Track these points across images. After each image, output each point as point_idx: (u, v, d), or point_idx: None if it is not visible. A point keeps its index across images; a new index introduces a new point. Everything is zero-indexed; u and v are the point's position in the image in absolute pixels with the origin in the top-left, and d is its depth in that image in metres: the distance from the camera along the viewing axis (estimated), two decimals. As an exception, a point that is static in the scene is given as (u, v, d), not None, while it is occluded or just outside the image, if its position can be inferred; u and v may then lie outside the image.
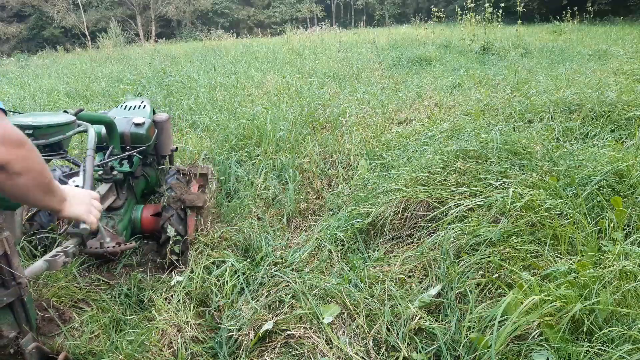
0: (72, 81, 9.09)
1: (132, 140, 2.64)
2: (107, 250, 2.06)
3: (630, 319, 1.59)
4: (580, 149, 2.92)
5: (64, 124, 1.91)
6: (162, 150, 3.05)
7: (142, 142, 2.67)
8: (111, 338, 1.97)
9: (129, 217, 2.55)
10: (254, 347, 1.88)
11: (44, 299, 2.10)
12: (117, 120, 2.61)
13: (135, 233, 2.63)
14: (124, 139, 2.62)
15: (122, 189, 2.55)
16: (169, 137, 3.08)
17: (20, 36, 35.68)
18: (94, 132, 2.04)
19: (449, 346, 1.74)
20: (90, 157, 1.92)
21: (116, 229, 2.37)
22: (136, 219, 2.61)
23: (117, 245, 2.12)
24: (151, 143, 2.74)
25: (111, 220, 2.41)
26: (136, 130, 2.64)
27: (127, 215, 2.53)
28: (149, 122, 2.73)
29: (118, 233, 2.36)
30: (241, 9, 44.99)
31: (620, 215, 2.12)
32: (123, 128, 2.62)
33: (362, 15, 44.71)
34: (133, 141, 2.65)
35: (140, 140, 2.66)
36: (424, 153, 3.42)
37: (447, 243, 2.25)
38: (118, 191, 2.50)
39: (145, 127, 2.67)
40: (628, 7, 20.56)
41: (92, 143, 1.99)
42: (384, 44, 13.36)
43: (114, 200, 2.45)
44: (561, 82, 5.37)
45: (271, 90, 6.59)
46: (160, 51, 15.70)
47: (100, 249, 2.04)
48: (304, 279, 2.21)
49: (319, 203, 3.32)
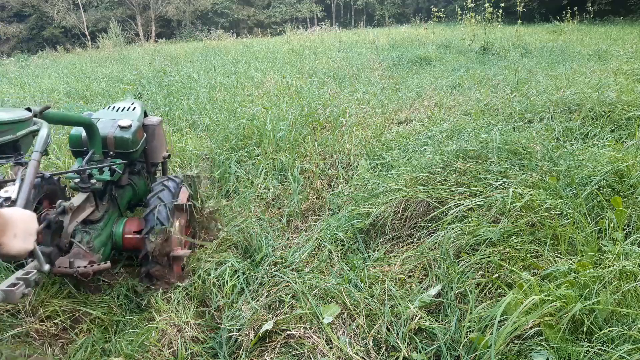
0: (72, 81, 9.09)
1: (117, 145, 2.37)
2: (78, 271, 1.89)
3: (630, 319, 1.59)
4: (580, 149, 2.92)
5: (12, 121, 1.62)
6: (153, 157, 2.78)
7: (127, 148, 2.39)
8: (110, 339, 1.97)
9: (108, 233, 2.28)
10: (254, 347, 1.88)
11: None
12: (100, 123, 2.40)
13: (116, 250, 2.37)
14: (107, 144, 2.35)
15: (102, 199, 2.31)
16: (161, 143, 2.81)
17: (20, 36, 35.65)
18: (46, 132, 1.69)
19: (449, 346, 1.74)
20: (34, 162, 1.54)
21: (91, 245, 2.12)
22: (116, 234, 2.31)
23: (89, 265, 1.93)
24: (138, 149, 2.49)
25: (86, 235, 2.14)
26: (121, 134, 2.37)
27: (107, 229, 2.28)
28: (137, 126, 2.48)
29: (94, 250, 2.11)
30: (241, 9, 44.96)
31: (620, 215, 2.12)
32: (107, 131, 2.36)
33: (362, 15, 44.75)
34: (117, 146, 2.37)
35: (125, 145, 2.38)
36: (424, 153, 3.42)
37: (447, 243, 2.25)
38: (97, 202, 2.24)
39: (131, 131, 2.40)
40: (628, 7, 20.54)
41: (40, 145, 1.61)
42: (384, 44, 13.37)
43: (91, 213, 2.19)
44: (561, 82, 5.37)
45: (271, 90, 6.59)
46: (160, 51, 15.70)
47: (70, 269, 1.88)
48: (304, 279, 2.21)
49: (319, 203, 3.32)
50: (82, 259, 2.02)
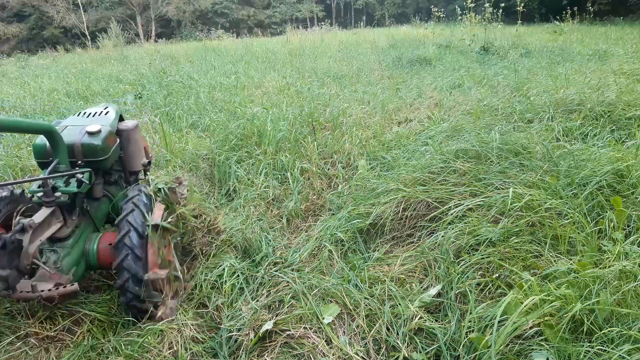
0: (72, 81, 9.09)
1: (85, 153, 2.15)
2: (41, 295, 1.73)
3: (630, 319, 1.59)
4: (580, 149, 2.92)
5: None
6: (131, 165, 2.57)
7: (97, 155, 2.18)
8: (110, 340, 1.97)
9: (80, 250, 2.07)
10: (254, 347, 1.88)
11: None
12: (67, 130, 2.22)
13: (90, 269, 2.17)
14: (74, 152, 2.14)
15: (72, 214, 2.09)
16: (139, 149, 2.59)
17: (20, 36, 35.66)
18: None
19: (449, 346, 1.74)
20: None
21: (59, 265, 1.92)
22: (91, 251, 2.10)
23: (55, 288, 1.77)
24: (109, 156, 2.26)
25: (53, 254, 1.94)
26: (89, 141, 2.16)
27: (78, 247, 2.06)
28: (108, 131, 2.26)
29: (62, 271, 1.91)
30: (241, 9, 44.98)
31: (620, 215, 2.12)
32: (73, 138, 2.15)
33: (362, 15, 44.74)
34: (86, 154, 2.16)
35: (94, 153, 2.17)
36: (424, 153, 3.42)
37: (447, 243, 2.25)
38: (65, 217, 2.03)
39: (101, 137, 2.19)
40: (628, 7, 20.56)
41: None
42: (384, 44, 13.37)
43: (58, 229, 1.98)
44: (561, 82, 5.37)
45: (271, 90, 6.59)
46: (160, 51, 15.70)
47: (32, 293, 1.73)
48: (304, 279, 2.21)
49: (319, 203, 3.32)
50: (48, 281, 1.83)
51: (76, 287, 1.84)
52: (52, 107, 6.21)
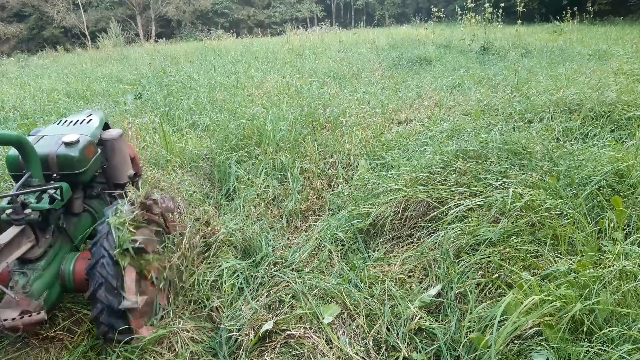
0: (72, 81, 9.09)
1: (60, 165, 1.99)
2: (4, 325, 1.60)
3: (630, 319, 1.59)
4: (580, 149, 2.92)
5: None
6: (116, 177, 2.39)
7: (73, 168, 2.01)
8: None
9: (54, 272, 1.88)
10: (254, 347, 1.88)
11: None
12: (43, 140, 2.06)
13: (67, 292, 1.98)
14: (49, 164, 1.97)
15: (45, 232, 1.89)
16: (124, 160, 2.41)
17: (20, 36, 35.67)
18: None
19: (449, 346, 1.74)
20: None
21: (28, 290, 1.75)
22: (67, 272, 1.91)
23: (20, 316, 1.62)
24: (88, 168, 2.08)
25: (22, 277, 1.77)
26: (65, 152, 1.99)
27: (52, 268, 1.88)
28: (87, 141, 2.10)
29: (32, 296, 1.75)
30: (241, 9, 44.99)
31: (620, 215, 2.12)
32: (48, 149, 1.99)
33: (362, 15, 44.76)
34: (61, 166, 1.99)
35: (71, 165, 2.00)
36: (424, 153, 3.42)
37: (447, 243, 2.25)
38: (37, 236, 1.85)
39: (78, 148, 2.02)
40: (628, 7, 20.56)
41: None
42: (384, 44, 13.37)
43: (29, 249, 1.80)
44: (561, 82, 5.37)
45: (271, 90, 6.59)
46: (160, 51, 15.70)
47: None
48: (304, 279, 2.21)
49: (319, 203, 3.32)
50: (13, 308, 1.67)
51: (42, 316, 1.69)
52: (52, 107, 6.21)
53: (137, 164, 2.65)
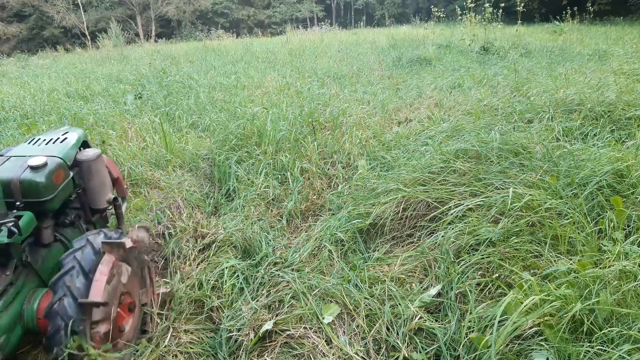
0: (72, 81, 9.08)
1: (24, 191, 1.76)
2: None
3: (630, 319, 1.59)
4: (580, 149, 2.92)
5: None
6: (93, 202, 2.14)
7: (39, 195, 1.78)
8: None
9: (14, 312, 1.66)
10: (254, 347, 1.88)
11: None
12: (9, 162, 1.86)
13: (29, 334, 1.75)
14: (12, 190, 1.75)
15: (5, 268, 1.67)
16: (102, 183, 2.17)
17: (20, 36, 35.66)
18: None
19: (449, 346, 1.74)
20: None
21: None
22: (29, 312, 1.69)
23: None
24: (56, 195, 1.85)
25: None
26: (30, 177, 1.77)
27: (13, 308, 1.66)
28: (56, 164, 1.87)
29: None
30: (241, 9, 44.99)
31: (620, 215, 2.12)
32: (11, 174, 1.77)
33: (362, 15, 44.77)
34: (25, 193, 1.77)
35: (36, 192, 1.77)
36: (424, 153, 3.42)
37: (447, 243, 2.25)
38: None
39: (45, 172, 1.80)
40: (628, 7, 20.55)
41: None
42: (384, 44, 13.36)
43: None
44: (561, 82, 5.37)
45: (271, 90, 6.59)
46: (160, 51, 15.70)
47: None
48: (304, 279, 2.21)
49: (319, 203, 3.32)
50: None
51: None
52: (52, 107, 6.21)
53: (121, 186, 2.41)
